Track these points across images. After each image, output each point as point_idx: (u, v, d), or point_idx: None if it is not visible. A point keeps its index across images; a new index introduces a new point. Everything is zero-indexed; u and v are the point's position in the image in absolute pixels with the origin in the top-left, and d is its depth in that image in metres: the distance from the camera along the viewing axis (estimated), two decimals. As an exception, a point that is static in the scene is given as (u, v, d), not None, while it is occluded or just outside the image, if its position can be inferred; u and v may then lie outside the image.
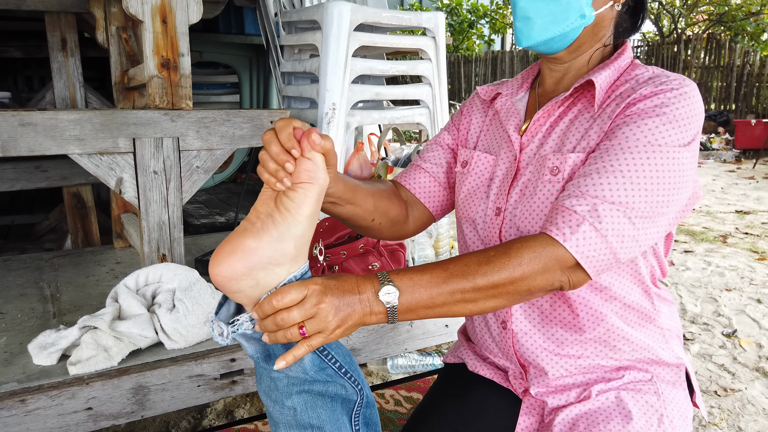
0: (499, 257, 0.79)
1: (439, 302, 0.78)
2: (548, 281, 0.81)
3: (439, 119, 2.34)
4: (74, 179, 2.40)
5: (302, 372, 0.83)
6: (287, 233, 0.74)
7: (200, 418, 1.72)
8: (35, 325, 1.59)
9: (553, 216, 0.83)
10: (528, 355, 1.00)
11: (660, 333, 1.01)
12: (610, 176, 0.82)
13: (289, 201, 0.74)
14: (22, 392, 1.25)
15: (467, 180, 1.07)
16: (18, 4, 2.12)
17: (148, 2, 1.53)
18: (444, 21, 2.30)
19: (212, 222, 2.97)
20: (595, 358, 0.98)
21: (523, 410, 1.01)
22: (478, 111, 1.13)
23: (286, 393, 0.84)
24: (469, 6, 13.69)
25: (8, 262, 2.15)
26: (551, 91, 1.02)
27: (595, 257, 0.81)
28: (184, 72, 1.62)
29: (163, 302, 1.48)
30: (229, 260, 0.72)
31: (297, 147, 0.74)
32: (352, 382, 0.88)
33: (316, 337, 0.74)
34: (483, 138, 1.09)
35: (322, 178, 0.76)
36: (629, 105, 0.88)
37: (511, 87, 1.08)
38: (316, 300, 0.72)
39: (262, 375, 0.87)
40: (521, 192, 0.96)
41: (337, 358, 0.86)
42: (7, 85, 4.05)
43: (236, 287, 0.74)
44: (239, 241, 0.73)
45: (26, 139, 1.45)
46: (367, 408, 0.91)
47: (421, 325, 1.73)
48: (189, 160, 1.66)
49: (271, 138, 0.75)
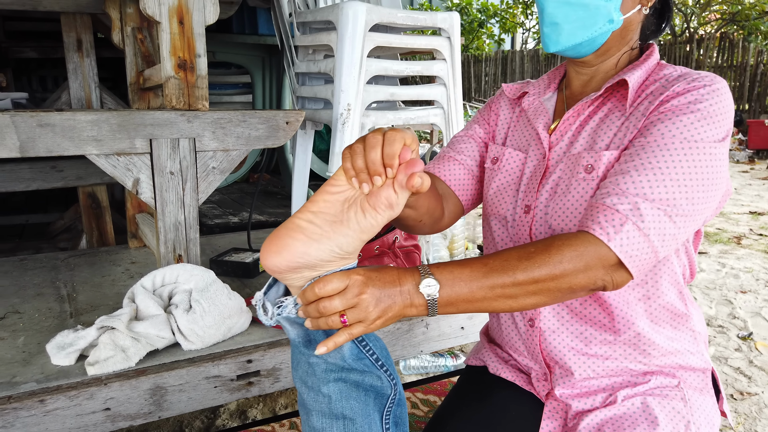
0: (539, 253, 0.79)
1: (479, 296, 0.78)
2: (590, 280, 0.80)
3: (454, 120, 2.33)
4: (89, 179, 2.41)
5: (341, 359, 0.84)
6: (339, 248, 0.73)
7: (213, 417, 1.73)
8: (52, 325, 1.60)
9: (593, 214, 0.83)
10: (555, 354, 0.99)
11: (691, 336, 1.00)
12: (650, 173, 0.82)
13: (355, 222, 0.73)
14: (41, 392, 1.25)
15: (497, 176, 1.06)
16: (34, 4, 2.13)
17: (165, 3, 1.53)
18: (459, 21, 2.29)
19: (226, 222, 2.98)
20: (623, 360, 0.97)
21: (545, 414, 1.00)
22: (506, 107, 1.13)
23: (323, 379, 0.84)
24: (479, 5, 13.65)
25: (24, 262, 2.16)
26: (579, 93, 1.02)
27: (638, 256, 0.81)
28: (200, 73, 1.63)
29: (180, 303, 1.48)
30: (277, 257, 0.73)
31: (394, 168, 0.70)
32: (388, 376, 0.88)
33: (357, 326, 0.74)
34: (511, 135, 1.10)
35: (397, 212, 0.74)
36: (663, 102, 0.88)
37: (538, 87, 1.08)
38: (358, 290, 0.73)
39: (300, 361, 0.87)
40: (552, 190, 0.96)
41: (375, 350, 0.87)
42: (21, 85, 4.08)
43: (280, 276, 0.75)
44: (289, 240, 0.73)
45: (44, 139, 1.45)
46: (398, 407, 0.90)
47: (437, 327, 1.72)
48: (205, 161, 1.67)
49: (377, 142, 0.71)
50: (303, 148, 2.52)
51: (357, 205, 0.73)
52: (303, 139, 2.51)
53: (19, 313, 1.68)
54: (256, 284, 1.95)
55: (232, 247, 2.21)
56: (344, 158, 0.73)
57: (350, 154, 0.72)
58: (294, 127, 1.76)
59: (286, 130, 1.74)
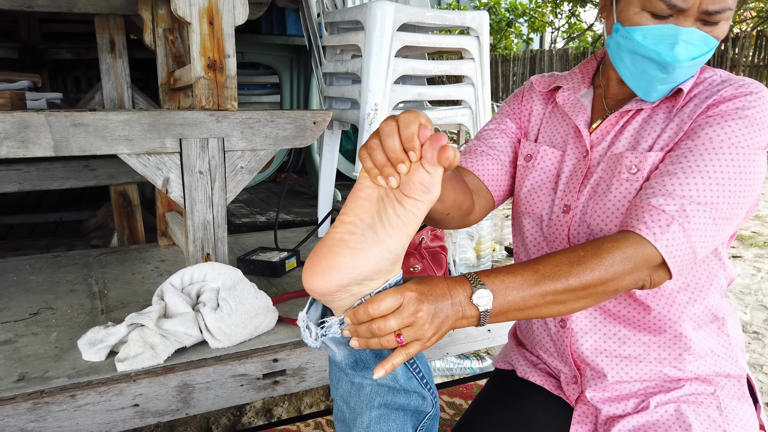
0: (590, 258, 0.78)
1: (530, 304, 0.76)
2: (635, 280, 0.80)
3: (482, 120, 2.31)
4: (121, 178, 2.46)
5: (392, 380, 0.82)
6: (388, 252, 0.69)
7: (239, 415, 1.74)
8: (84, 321, 1.63)
9: (639, 214, 0.82)
10: (586, 355, 0.98)
11: (727, 341, 0.98)
12: (697, 176, 0.82)
13: (396, 217, 0.68)
14: (72, 387, 1.28)
15: (531, 174, 1.04)
16: (69, 6, 2.18)
17: (195, 4, 1.55)
18: (488, 20, 2.27)
19: (253, 221, 3.00)
20: (657, 364, 0.95)
21: (575, 419, 0.98)
22: (538, 102, 1.11)
23: (367, 403, 0.82)
24: (507, 4, 13.54)
25: (58, 259, 2.21)
26: (618, 92, 1.00)
27: (680, 257, 0.81)
28: (229, 73, 1.64)
29: (208, 301, 1.50)
30: (326, 278, 0.69)
31: (417, 150, 0.65)
32: (432, 395, 0.87)
33: (414, 344, 0.71)
34: (544, 131, 1.07)
35: (435, 194, 0.67)
36: (711, 106, 0.87)
37: (571, 81, 1.06)
38: (414, 308, 0.70)
39: (341, 379, 0.85)
40: (592, 190, 0.95)
41: (421, 369, 0.85)
42: (57, 86, 4.18)
43: (329, 299, 0.72)
44: (335, 257, 0.68)
45: (78, 139, 1.48)
46: (432, 420, 0.89)
47: (463, 330, 1.70)
48: (233, 161, 1.68)
49: (391, 130, 0.65)
50: (330, 148, 2.53)
51: (393, 200, 0.68)
52: (330, 139, 2.51)
53: (52, 308, 1.72)
54: (283, 283, 1.96)
55: (259, 246, 2.23)
56: (362, 158, 0.68)
57: (368, 152, 0.67)
58: (321, 127, 1.76)
59: (314, 130, 1.75)
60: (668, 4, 0.83)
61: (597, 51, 1.08)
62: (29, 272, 2.05)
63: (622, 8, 0.89)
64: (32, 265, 2.12)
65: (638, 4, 0.86)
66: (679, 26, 0.84)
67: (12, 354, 1.42)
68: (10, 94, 1.74)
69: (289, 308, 1.72)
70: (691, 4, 0.82)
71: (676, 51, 0.85)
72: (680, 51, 0.85)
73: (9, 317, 1.65)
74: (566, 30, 14.31)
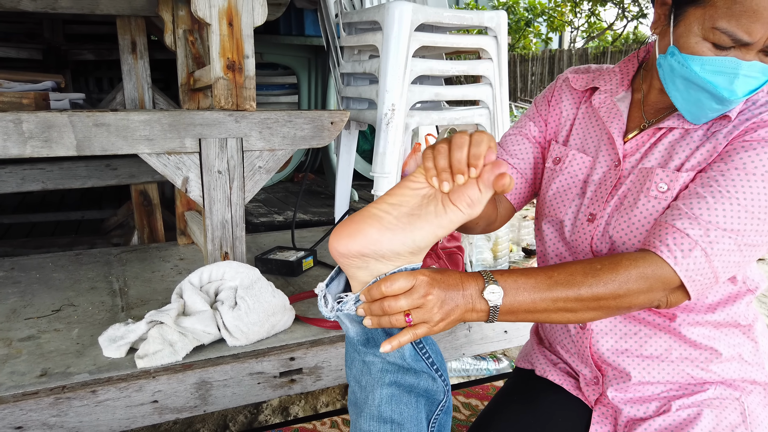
0: (606, 272, 0.78)
1: (540, 308, 0.78)
2: (649, 300, 0.80)
3: (500, 120, 2.30)
4: (141, 177, 2.49)
5: (400, 357, 0.83)
6: (413, 242, 0.73)
7: (256, 413, 1.75)
8: (105, 318, 1.65)
9: (662, 235, 0.81)
10: (607, 356, 0.97)
11: (753, 347, 0.96)
12: (725, 202, 0.80)
13: (433, 215, 0.72)
14: (93, 383, 1.30)
15: (558, 178, 1.03)
16: (92, 8, 2.21)
17: (215, 5, 1.56)
18: (506, 20, 2.26)
19: (271, 221, 3.02)
20: (681, 362, 0.94)
21: (594, 419, 0.98)
22: (569, 101, 1.07)
23: (378, 380, 0.84)
24: (526, 4, 13.45)
25: (80, 256, 2.25)
26: (659, 101, 0.96)
27: (700, 281, 0.80)
28: (248, 74, 1.65)
29: (226, 300, 1.51)
30: (348, 241, 0.73)
31: (478, 168, 0.70)
32: (442, 380, 0.88)
33: (421, 326, 0.75)
34: (576, 134, 1.04)
35: (476, 212, 0.73)
36: (749, 130, 0.85)
37: (609, 82, 1.01)
38: (424, 291, 0.73)
39: (354, 359, 0.87)
40: (619, 201, 0.93)
41: (431, 354, 0.86)
42: (79, 86, 4.24)
43: (345, 262, 0.75)
44: (365, 226, 0.73)
45: (100, 138, 1.51)
46: (445, 414, 0.90)
47: (480, 331, 1.70)
48: (252, 161, 1.69)
49: (463, 142, 0.71)
50: (347, 148, 2.54)
51: (438, 201, 0.72)
52: (347, 139, 2.52)
53: (74, 305, 1.75)
54: (300, 282, 1.97)
55: (276, 246, 2.24)
56: (426, 158, 0.73)
57: (433, 154, 0.72)
58: (339, 128, 1.77)
59: (331, 130, 1.75)
60: (733, 38, 0.78)
61: (639, 49, 1.03)
62: (52, 270, 2.09)
63: (681, 33, 0.83)
64: (55, 263, 2.16)
65: (700, 33, 0.80)
66: (740, 60, 0.79)
67: (35, 350, 1.45)
68: (34, 95, 1.77)
69: (306, 307, 1.73)
70: (758, 39, 0.77)
71: (735, 86, 0.81)
72: (739, 85, 0.81)
73: (32, 314, 1.68)
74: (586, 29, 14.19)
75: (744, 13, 0.75)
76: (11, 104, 1.75)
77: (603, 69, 1.06)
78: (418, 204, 0.73)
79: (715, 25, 0.78)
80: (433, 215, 0.72)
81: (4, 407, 1.21)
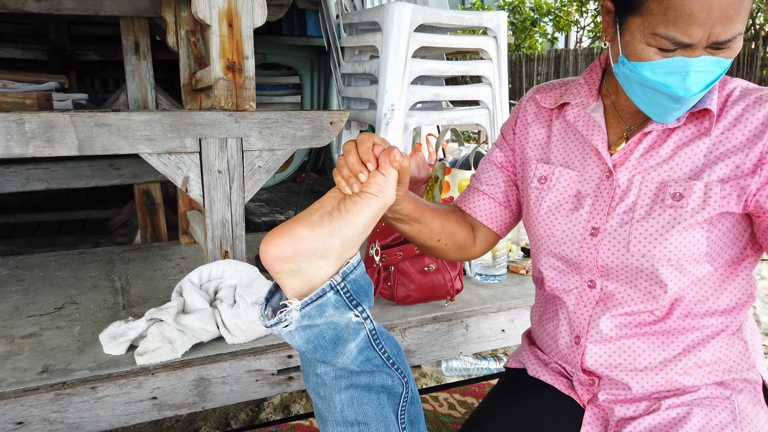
0: None
1: None
2: None
3: (499, 120, 2.30)
4: (144, 177, 2.52)
5: (349, 361, 0.84)
6: (338, 232, 0.79)
7: (258, 411, 1.77)
8: (106, 316, 1.67)
9: None
10: (600, 371, 0.98)
11: (744, 347, 0.97)
12: None
13: (351, 204, 0.80)
14: (93, 380, 1.32)
15: (548, 196, 1.02)
16: (96, 9, 2.24)
17: (215, 7, 1.58)
18: (506, 20, 2.27)
19: (273, 220, 3.04)
20: (669, 371, 0.95)
21: (586, 419, 0.98)
22: (537, 122, 1.07)
23: (334, 387, 0.85)
24: (532, 3, 13.42)
25: (83, 255, 2.27)
26: (630, 104, 0.96)
27: None
28: (248, 74, 1.67)
29: (225, 298, 1.53)
30: (279, 242, 0.78)
31: (373, 161, 0.80)
32: (399, 374, 0.89)
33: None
34: (557, 151, 1.04)
35: (389, 195, 0.81)
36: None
37: (578, 95, 1.01)
38: None
39: (309, 373, 0.88)
40: (626, 214, 0.93)
41: (387, 349, 0.87)
42: (84, 87, 4.27)
43: (279, 268, 0.79)
44: (293, 227, 0.79)
45: (101, 138, 1.53)
46: (411, 405, 0.91)
47: (477, 329, 1.71)
48: (251, 160, 1.71)
49: (350, 148, 0.82)
50: (348, 148, 2.54)
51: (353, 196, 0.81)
52: (348, 139, 2.53)
53: (76, 303, 1.77)
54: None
55: (277, 245, 2.25)
56: (334, 177, 0.83)
57: (337, 170, 0.83)
58: (338, 128, 1.78)
59: (330, 130, 1.77)
60: (674, 42, 0.78)
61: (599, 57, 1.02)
62: (55, 268, 2.11)
63: (627, 42, 0.84)
64: (58, 261, 2.19)
65: (643, 40, 0.81)
66: (688, 58, 0.79)
67: (37, 346, 1.47)
68: (38, 95, 1.80)
69: (305, 306, 1.74)
70: (699, 39, 0.77)
71: (688, 83, 0.80)
72: (693, 82, 0.80)
73: (35, 311, 1.70)
74: (592, 29, 14.14)
75: (679, 18, 0.76)
76: (14, 104, 1.77)
77: (567, 82, 1.06)
78: (337, 204, 0.81)
79: (655, 31, 0.79)
80: (351, 205, 0.80)
81: (5, 403, 1.24)
